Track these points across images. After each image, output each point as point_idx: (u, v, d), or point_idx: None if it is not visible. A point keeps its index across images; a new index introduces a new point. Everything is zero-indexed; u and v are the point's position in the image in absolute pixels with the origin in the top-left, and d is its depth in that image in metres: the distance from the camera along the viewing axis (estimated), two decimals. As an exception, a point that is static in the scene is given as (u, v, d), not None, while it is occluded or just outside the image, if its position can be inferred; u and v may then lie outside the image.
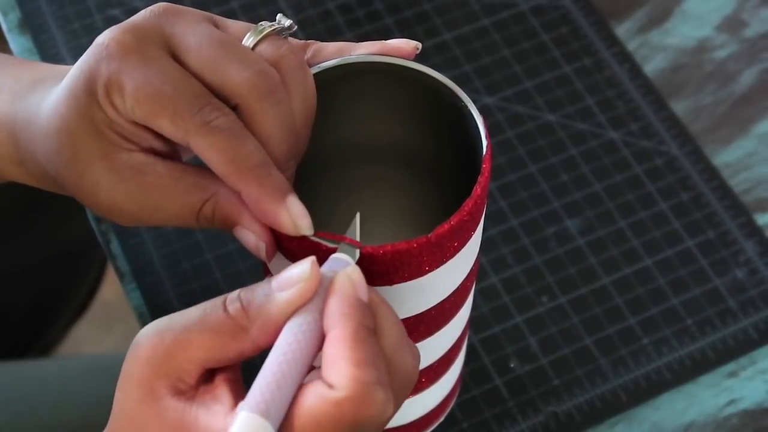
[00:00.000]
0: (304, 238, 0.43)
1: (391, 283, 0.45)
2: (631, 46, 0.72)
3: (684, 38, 0.73)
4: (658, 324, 0.63)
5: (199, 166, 0.45)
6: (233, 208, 0.44)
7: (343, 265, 0.41)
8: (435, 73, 0.47)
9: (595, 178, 0.67)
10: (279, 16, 0.47)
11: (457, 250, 0.45)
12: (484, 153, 0.45)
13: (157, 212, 0.45)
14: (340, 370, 0.39)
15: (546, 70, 0.71)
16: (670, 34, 0.73)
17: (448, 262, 0.46)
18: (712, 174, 0.67)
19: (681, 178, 0.67)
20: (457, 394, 0.60)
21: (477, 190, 0.44)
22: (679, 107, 0.70)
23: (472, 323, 0.63)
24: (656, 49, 0.72)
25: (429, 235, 0.43)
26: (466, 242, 0.46)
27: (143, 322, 0.63)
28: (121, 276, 0.64)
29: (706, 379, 0.62)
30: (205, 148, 0.43)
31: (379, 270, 0.44)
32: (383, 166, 0.54)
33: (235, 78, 0.44)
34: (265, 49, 0.46)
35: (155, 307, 0.63)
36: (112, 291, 1.42)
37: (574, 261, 0.65)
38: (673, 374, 0.61)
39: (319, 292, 0.41)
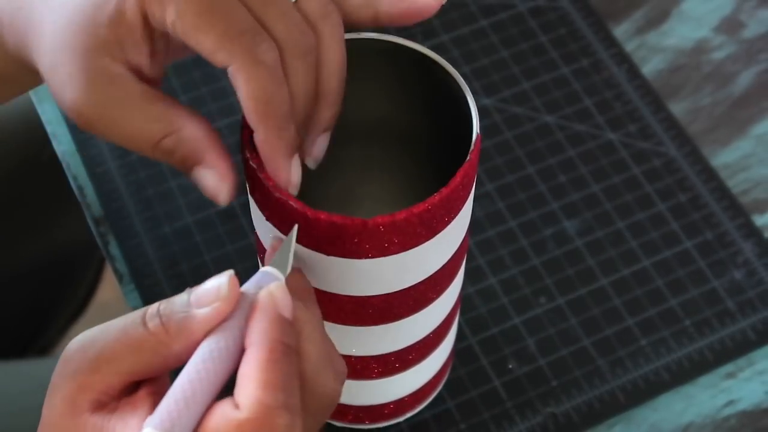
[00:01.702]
0: (282, 200, 0.43)
1: (386, 254, 0.45)
2: (629, 47, 0.72)
3: (682, 39, 0.73)
4: (657, 325, 0.63)
5: (170, 97, 0.44)
6: (198, 146, 0.44)
7: (271, 280, 0.41)
8: (427, 50, 0.47)
9: (593, 179, 0.67)
10: None
11: (448, 222, 0.46)
12: (474, 126, 0.45)
13: (113, 127, 0.44)
14: (247, 391, 0.39)
15: (544, 71, 0.71)
16: (668, 35, 0.73)
17: (440, 234, 0.46)
18: (710, 175, 0.67)
19: (679, 179, 0.67)
20: (447, 374, 0.60)
21: (471, 157, 0.45)
22: (678, 108, 0.70)
23: (470, 324, 0.63)
24: (654, 50, 0.73)
25: (424, 203, 0.44)
26: (457, 214, 0.46)
27: (141, 324, 0.62)
28: (119, 277, 0.64)
29: (704, 380, 0.62)
30: (246, 78, 0.42)
31: (374, 241, 0.44)
32: (374, 145, 0.54)
33: (276, 28, 0.43)
34: (308, 4, 0.45)
35: (153, 308, 0.63)
36: (110, 292, 1.42)
37: (572, 262, 0.65)
38: (672, 375, 0.61)
39: (243, 307, 0.40)
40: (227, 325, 0.40)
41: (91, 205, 0.66)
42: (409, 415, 0.59)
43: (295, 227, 0.44)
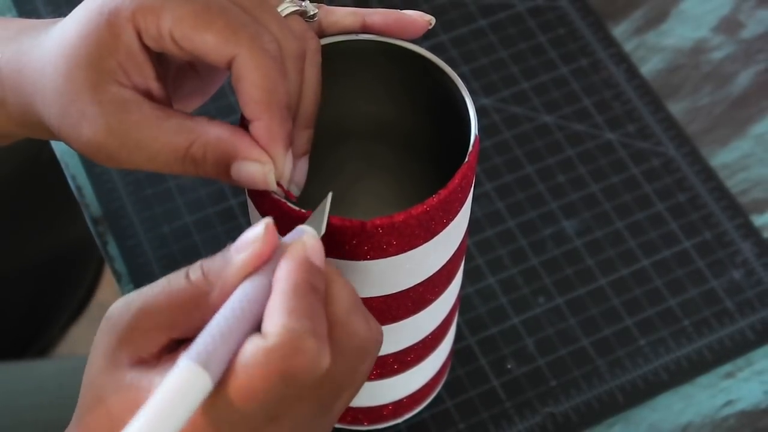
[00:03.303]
0: (278, 201, 0.43)
1: (384, 255, 0.45)
2: (628, 47, 0.72)
3: (681, 39, 0.73)
4: (655, 325, 0.63)
5: (183, 112, 0.45)
6: (227, 145, 0.44)
7: (301, 232, 0.41)
8: (425, 51, 0.48)
9: (592, 180, 0.67)
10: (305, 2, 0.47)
11: (446, 224, 0.46)
12: (472, 127, 0.46)
13: (137, 151, 0.44)
14: (273, 320, 0.39)
15: (543, 71, 0.71)
16: (667, 35, 0.73)
17: (439, 235, 0.46)
18: (709, 175, 0.67)
19: (678, 179, 0.67)
20: (445, 375, 0.60)
21: (469, 158, 0.45)
22: (676, 108, 0.70)
23: (469, 324, 0.63)
24: (653, 50, 0.73)
25: (422, 204, 0.44)
26: (456, 215, 0.46)
27: (140, 324, 0.63)
28: (118, 277, 0.64)
29: (703, 380, 0.62)
30: (252, 67, 0.42)
31: (372, 242, 0.44)
32: (373, 146, 0.55)
33: (271, 28, 0.44)
34: (292, 22, 0.46)
35: (152, 308, 0.63)
36: (109, 292, 1.42)
37: (571, 262, 0.65)
38: (670, 375, 0.61)
39: (278, 257, 0.41)
40: (262, 270, 0.40)
41: (90, 205, 0.66)
42: (407, 416, 0.59)
43: (330, 194, 0.44)
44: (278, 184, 0.44)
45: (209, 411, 0.39)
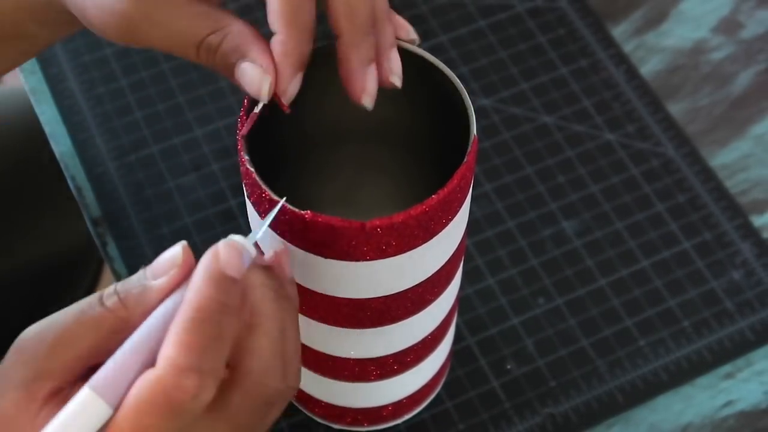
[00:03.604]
0: (277, 201, 0.43)
1: (383, 256, 0.45)
2: (628, 47, 0.72)
3: (680, 40, 0.73)
4: (655, 325, 0.63)
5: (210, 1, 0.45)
6: (245, 40, 0.44)
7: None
8: (424, 52, 0.48)
9: (591, 180, 0.67)
10: None
11: (445, 224, 0.46)
12: (471, 128, 0.46)
13: (158, 27, 0.44)
14: (163, 351, 0.38)
15: (542, 71, 0.71)
16: (667, 36, 0.73)
17: (438, 236, 0.46)
18: (708, 175, 0.67)
19: (677, 179, 0.67)
20: (445, 375, 0.60)
21: (468, 159, 0.45)
22: (676, 109, 0.70)
23: (469, 324, 0.63)
24: (653, 51, 0.72)
25: (421, 205, 0.44)
26: (455, 215, 0.46)
27: (140, 325, 0.63)
28: (117, 278, 0.64)
29: (702, 380, 0.62)
30: None
31: (371, 243, 0.44)
32: (372, 147, 0.55)
33: None
34: None
35: (152, 309, 0.63)
36: (109, 293, 1.42)
37: (570, 263, 0.65)
38: (670, 376, 0.61)
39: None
40: (177, 291, 0.40)
41: (90, 206, 0.66)
42: (407, 416, 0.59)
43: (282, 201, 0.43)
44: (276, 96, 0.44)
45: None
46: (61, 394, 0.40)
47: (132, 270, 0.64)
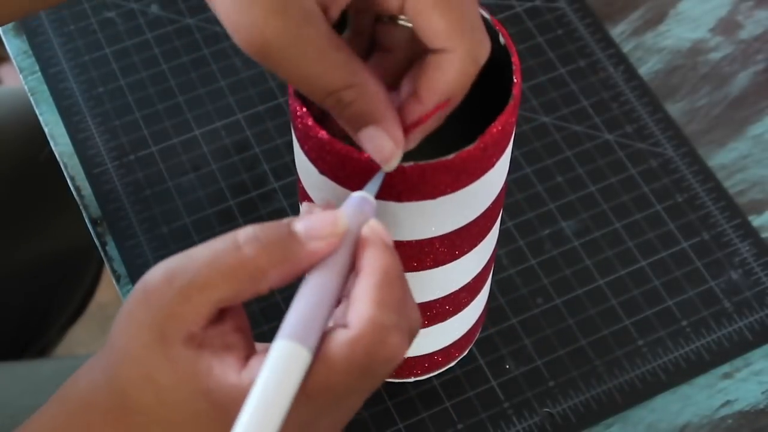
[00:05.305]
0: (367, 162, 0.44)
1: (455, 189, 0.46)
2: (626, 47, 0.73)
3: (679, 40, 0.73)
4: (653, 325, 0.63)
5: (350, 49, 0.43)
6: (378, 106, 0.42)
7: (364, 204, 0.41)
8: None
9: (590, 180, 0.67)
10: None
11: (497, 160, 0.47)
12: (512, 64, 0.47)
13: (292, 63, 0.41)
14: (359, 311, 0.39)
15: (541, 71, 0.71)
16: (665, 36, 0.73)
17: (490, 171, 0.47)
18: (707, 175, 0.68)
19: (676, 179, 0.67)
20: (478, 332, 0.61)
21: (515, 91, 0.46)
22: (674, 109, 0.70)
23: (468, 325, 0.63)
24: (651, 51, 0.73)
25: (484, 136, 0.44)
26: (504, 151, 0.47)
27: (139, 324, 0.63)
28: (117, 278, 0.64)
29: (701, 380, 0.62)
30: (457, 68, 0.42)
31: (451, 177, 0.45)
32: None
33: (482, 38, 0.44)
34: None
35: (151, 308, 0.63)
36: (109, 293, 1.43)
37: (569, 262, 0.65)
38: (668, 375, 0.61)
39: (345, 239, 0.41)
40: (336, 259, 0.40)
41: (89, 206, 0.66)
42: (437, 372, 0.59)
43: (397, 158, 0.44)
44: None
45: None
46: (195, 339, 0.39)
47: (132, 269, 0.64)
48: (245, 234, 0.40)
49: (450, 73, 0.42)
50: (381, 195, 0.45)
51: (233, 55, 0.72)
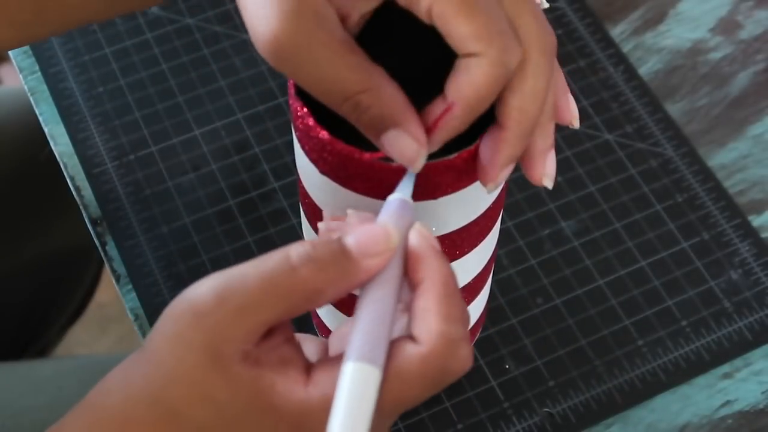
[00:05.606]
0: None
1: (456, 188, 0.46)
2: (626, 47, 0.73)
3: (679, 40, 0.73)
4: (653, 325, 0.63)
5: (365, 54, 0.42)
6: (397, 108, 0.42)
7: (403, 206, 0.42)
8: None
9: (590, 180, 0.67)
10: None
11: None
12: None
13: (308, 68, 0.41)
14: (428, 325, 0.39)
15: (541, 71, 0.71)
16: (665, 36, 0.73)
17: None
18: (706, 175, 0.68)
19: (676, 179, 0.67)
20: (478, 332, 0.61)
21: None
22: (674, 109, 0.70)
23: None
24: (651, 51, 0.73)
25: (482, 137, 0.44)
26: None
27: (139, 324, 0.63)
28: (116, 278, 0.64)
29: (700, 380, 0.62)
30: (483, 72, 0.41)
31: (441, 179, 0.45)
32: (420, 101, 0.55)
33: (529, 25, 0.43)
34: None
35: (151, 308, 0.63)
36: (108, 293, 1.42)
37: (569, 262, 0.65)
38: (668, 375, 0.61)
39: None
40: (389, 272, 0.40)
41: (89, 206, 0.66)
42: None
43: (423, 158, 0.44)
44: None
45: None
46: (251, 357, 0.39)
47: (132, 269, 0.64)
48: (297, 254, 0.40)
49: (477, 76, 0.42)
50: (382, 195, 0.45)
51: (233, 55, 0.72)
